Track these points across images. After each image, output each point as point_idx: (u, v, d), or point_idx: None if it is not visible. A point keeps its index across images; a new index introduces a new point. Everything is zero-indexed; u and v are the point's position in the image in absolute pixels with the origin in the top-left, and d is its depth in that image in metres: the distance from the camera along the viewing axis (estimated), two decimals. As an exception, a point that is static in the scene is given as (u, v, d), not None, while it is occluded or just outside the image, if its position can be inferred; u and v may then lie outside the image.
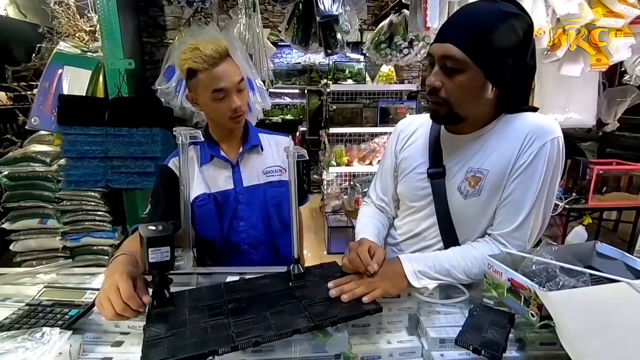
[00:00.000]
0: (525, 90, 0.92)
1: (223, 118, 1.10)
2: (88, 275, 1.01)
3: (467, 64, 0.80)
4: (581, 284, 0.71)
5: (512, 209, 0.88)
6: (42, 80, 2.03)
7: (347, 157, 3.47)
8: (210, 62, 1.02)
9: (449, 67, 0.82)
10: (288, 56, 5.86)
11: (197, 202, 1.14)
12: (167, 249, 0.73)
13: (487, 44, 0.80)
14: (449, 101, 0.85)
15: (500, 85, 0.85)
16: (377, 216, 1.12)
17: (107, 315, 0.72)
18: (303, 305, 0.75)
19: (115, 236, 2.13)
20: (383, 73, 3.96)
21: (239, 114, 1.10)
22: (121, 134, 1.91)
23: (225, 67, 1.05)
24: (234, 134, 1.19)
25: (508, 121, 0.90)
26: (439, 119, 0.92)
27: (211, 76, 1.04)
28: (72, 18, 2.38)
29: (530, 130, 0.86)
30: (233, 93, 1.06)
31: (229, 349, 0.63)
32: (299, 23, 2.40)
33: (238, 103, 1.07)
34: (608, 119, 2.82)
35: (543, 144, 0.84)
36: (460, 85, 0.83)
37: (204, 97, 1.07)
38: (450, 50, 0.81)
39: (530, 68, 0.88)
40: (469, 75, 0.81)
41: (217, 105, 1.07)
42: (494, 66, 0.82)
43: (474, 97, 0.85)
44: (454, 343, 0.71)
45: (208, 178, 1.16)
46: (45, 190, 2.03)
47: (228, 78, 1.05)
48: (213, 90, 1.04)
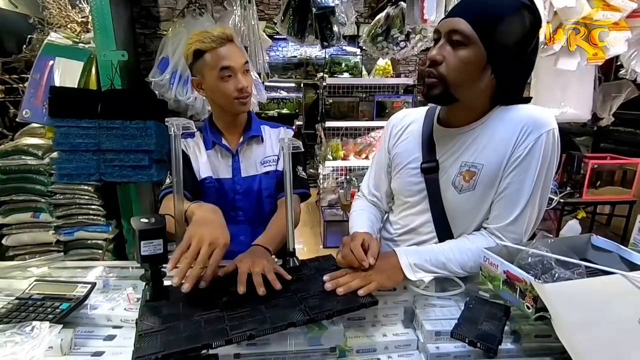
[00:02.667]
0: (521, 83, 0.92)
1: (229, 100, 1.10)
2: (80, 269, 1.00)
3: (474, 39, 0.81)
4: (576, 276, 0.71)
5: (508, 202, 0.87)
6: (33, 72, 1.99)
7: (343, 151, 3.46)
8: (217, 42, 1.06)
9: (454, 40, 0.82)
10: (284, 50, 5.81)
11: (206, 183, 1.16)
12: (160, 241, 0.72)
13: (497, 27, 0.80)
14: (445, 78, 0.84)
15: (499, 71, 0.84)
16: (370, 209, 1.12)
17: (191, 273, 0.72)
18: (298, 298, 0.74)
19: (109, 230, 2.12)
20: (379, 67, 3.93)
21: (245, 95, 1.11)
22: (114, 126, 1.88)
23: (232, 48, 1.09)
24: (237, 122, 1.20)
25: (502, 113, 0.89)
26: (432, 98, 0.90)
27: (218, 55, 1.07)
28: (63, 9, 2.33)
29: (525, 122, 0.85)
30: (239, 73, 1.09)
31: (223, 343, 0.62)
32: (294, 14, 2.37)
33: (244, 83, 1.09)
34: (603, 114, 2.83)
35: (538, 136, 0.83)
36: (461, 60, 0.82)
37: (211, 77, 1.08)
38: (459, 24, 0.82)
39: (529, 62, 0.88)
40: (473, 51, 0.82)
41: (223, 85, 1.08)
42: (497, 49, 0.82)
43: (472, 76, 0.84)
44: (450, 336, 0.71)
45: (212, 164, 1.19)
46: (37, 183, 2.01)
47: (235, 58, 1.08)
48: (220, 68, 1.07)
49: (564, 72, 2.09)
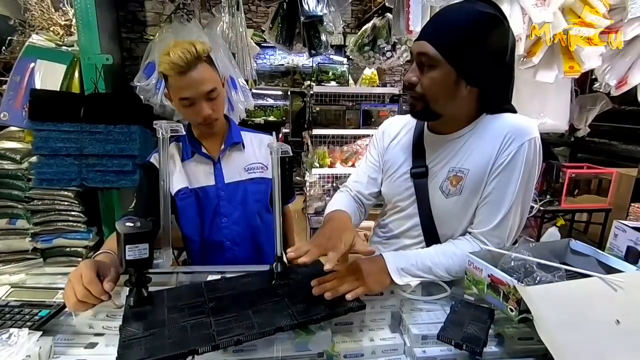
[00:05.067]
0: (505, 89, 0.94)
1: (193, 123, 1.11)
2: (60, 275, 0.96)
3: (439, 61, 0.83)
4: (557, 279, 0.74)
5: (491, 208, 0.90)
6: (13, 74, 1.93)
7: (330, 159, 3.47)
8: (177, 70, 0.99)
9: (424, 63, 0.86)
10: (271, 57, 5.84)
11: (180, 195, 1.12)
12: (146, 245, 0.70)
13: (460, 43, 0.83)
14: (425, 96, 0.87)
15: (476, 83, 0.87)
16: (351, 199, 1.11)
17: (69, 304, 0.72)
18: (286, 303, 0.74)
19: (89, 237, 2.05)
20: (366, 76, 3.99)
21: (209, 122, 1.09)
22: (97, 130, 1.84)
23: (194, 76, 1.01)
24: (214, 132, 1.17)
25: (488, 121, 0.92)
26: (417, 115, 0.95)
27: (178, 84, 1.02)
28: (46, 11, 2.28)
29: (509, 130, 0.88)
30: (202, 101, 1.04)
31: (210, 348, 0.61)
32: (283, 22, 2.40)
33: (207, 112, 1.05)
34: (580, 125, 2.94)
35: (521, 144, 0.86)
36: (432, 81, 0.85)
37: (175, 100, 1.06)
38: (424, 47, 0.84)
39: (507, 69, 0.90)
40: (441, 72, 0.84)
41: (185, 110, 1.07)
42: (466, 65, 0.84)
43: (448, 93, 0.87)
44: (437, 338, 0.72)
45: (189, 173, 1.15)
46: (14, 189, 1.93)
47: (194, 88, 1.02)
48: (179, 98, 1.04)
49: (542, 85, 2.17)
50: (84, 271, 0.73)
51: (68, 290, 0.73)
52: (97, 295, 0.72)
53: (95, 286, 0.72)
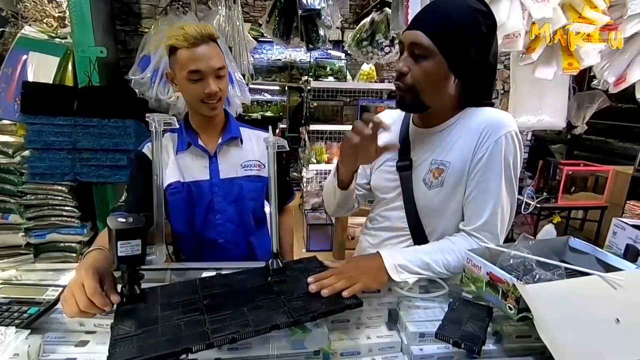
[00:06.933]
0: (487, 85, 0.96)
1: (196, 101, 1.06)
2: (51, 272, 0.95)
3: (433, 51, 0.84)
4: (556, 277, 0.73)
5: (477, 204, 0.91)
6: (5, 66, 1.90)
7: (327, 155, 3.46)
8: (190, 41, 1.00)
9: (416, 53, 0.86)
10: (268, 52, 5.80)
11: (170, 190, 1.09)
12: (138, 242, 0.68)
13: (452, 36, 0.84)
14: (414, 87, 0.88)
15: (462, 77, 0.88)
16: None
17: (69, 312, 0.68)
18: (282, 300, 0.72)
19: (84, 232, 2.03)
20: (364, 72, 3.97)
21: (213, 100, 1.06)
22: (91, 124, 1.81)
23: (206, 50, 1.02)
24: (213, 124, 1.15)
25: (469, 115, 0.93)
26: (405, 106, 0.95)
27: (189, 56, 1.01)
28: (39, 3, 2.24)
29: (486, 125, 0.89)
30: (210, 77, 1.03)
31: (204, 346, 0.60)
32: (280, 16, 2.37)
33: (214, 88, 1.04)
34: (577, 122, 2.94)
35: (497, 138, 0.87)
36: (425, 71, 0.86)
37: (180, 76, 1.04)
38: (419, 37, 0.85)
39: (491, 65, 0.92)
40: (434, 62, 0.85)
41: (191, 86, 1.04)
42: (456, 57, 0.85)
43: (438, 85, 0.88)
44: (434, 337, 0.71)
45: (183, 167, 1.12)
46: (6, 183, 1.91)
47: (205, 61, 1.02)
48: (189, 70, 1.01)
49: (540, 81, 2.16)
50: (86, 281, 0.70)
51: (68, 297, 0.69)
52: (101, 307, 0.69)
53: (99, 298, 0.69)
